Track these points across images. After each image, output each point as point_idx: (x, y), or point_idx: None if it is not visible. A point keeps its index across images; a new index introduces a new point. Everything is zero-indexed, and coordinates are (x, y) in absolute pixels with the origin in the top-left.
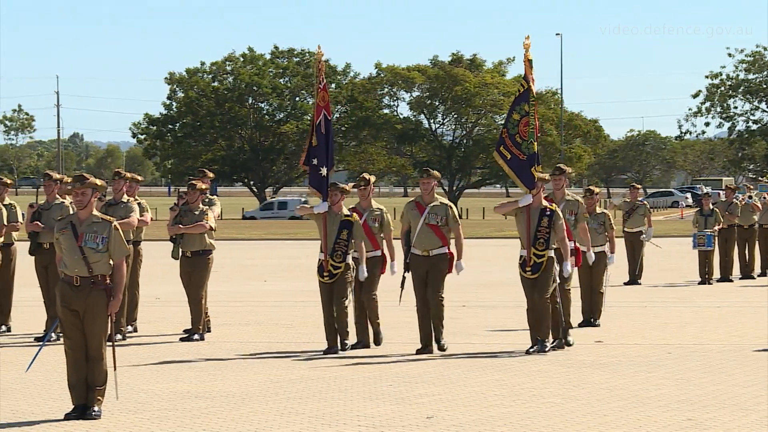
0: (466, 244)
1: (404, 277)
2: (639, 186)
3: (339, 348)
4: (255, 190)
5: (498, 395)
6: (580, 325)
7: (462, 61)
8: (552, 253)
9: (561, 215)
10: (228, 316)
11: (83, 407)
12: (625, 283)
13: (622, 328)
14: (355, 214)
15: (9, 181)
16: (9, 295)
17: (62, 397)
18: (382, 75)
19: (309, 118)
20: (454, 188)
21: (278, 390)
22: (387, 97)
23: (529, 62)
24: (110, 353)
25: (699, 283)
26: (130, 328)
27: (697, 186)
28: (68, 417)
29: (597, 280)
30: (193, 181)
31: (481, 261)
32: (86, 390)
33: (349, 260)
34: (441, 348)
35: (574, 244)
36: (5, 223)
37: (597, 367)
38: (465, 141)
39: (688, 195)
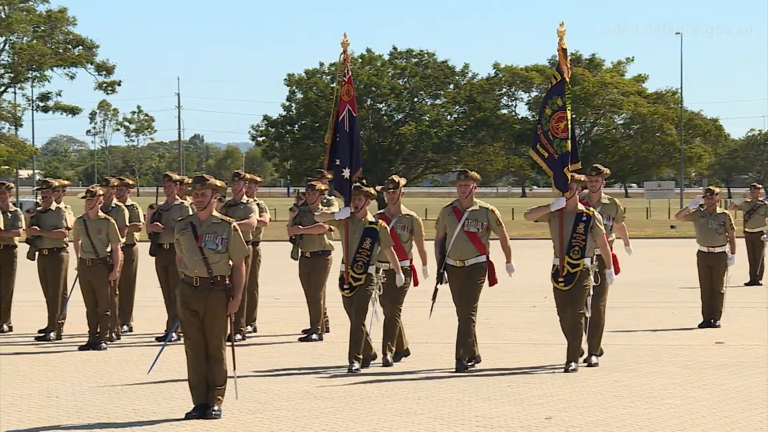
0: None
1: (436, 289)
2: (760, 186)
3: (367, 361)
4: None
5: (616, 396)
6: (700, 326)
7: (581, 61)
8: (588, 263)
9: (600, 220)
10: (346, 317)
11: (204, 407)
12: (746, 284)
13: (743, 329)
14: (381, 220)
15: (131, 182)
16: (131, 296)
17: (183, 397)
18: (500, 75)
19: (428, 119)
20: None
21: (396, 390)
22: (505, 98)
23: (563, 51)
24: (230, 353)
25: None
26: (249, 328)
27: None
28: (189, 416)
29: (717, 281)
30: (312, 182)
31: None
32: (206, 389)
33: (372, 271)
34: (462, 368)
35: (612, 250)
36: (127, 223)
37: (717, 368)
38: (583, 141)
39: None
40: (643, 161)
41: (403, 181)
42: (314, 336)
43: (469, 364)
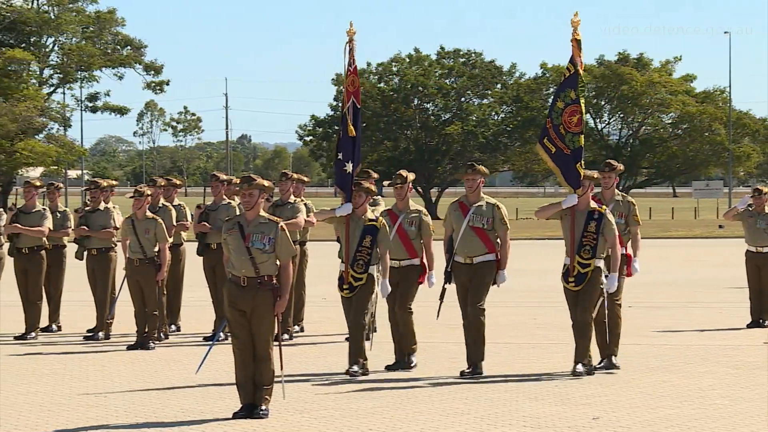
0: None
1: (444, 289)
2: None
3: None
4: (420, 190)
5: (665, 396)
6: (748, 326)
7: (628, 60)
8: (600, 263)
9: (612, 219)
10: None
11: (251, 406)
12: None
13: None
14: (380, 218)
15: (178, 182)
16: (178, 295)
17: (230, 396)
18: (547, 75)
19: (475, 119)
20: (620, 188)
21: (443, 390)
22: (552, 97)
23: (577, 42)
24: (277, 353)
25: None
26: (297, 328)
27: None
28: (236, 416)
29: (766, 281)
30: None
31: (653, 261)
32: (254, 389)
33: (373, 271)
34: (476, 372)
35: (625, 250)
36: (174, 223)
37: (766, 368)
38: (631, 140)
39: None
40: (691, 161)
41: (411, 176)
42: None
43: (468, 371)
